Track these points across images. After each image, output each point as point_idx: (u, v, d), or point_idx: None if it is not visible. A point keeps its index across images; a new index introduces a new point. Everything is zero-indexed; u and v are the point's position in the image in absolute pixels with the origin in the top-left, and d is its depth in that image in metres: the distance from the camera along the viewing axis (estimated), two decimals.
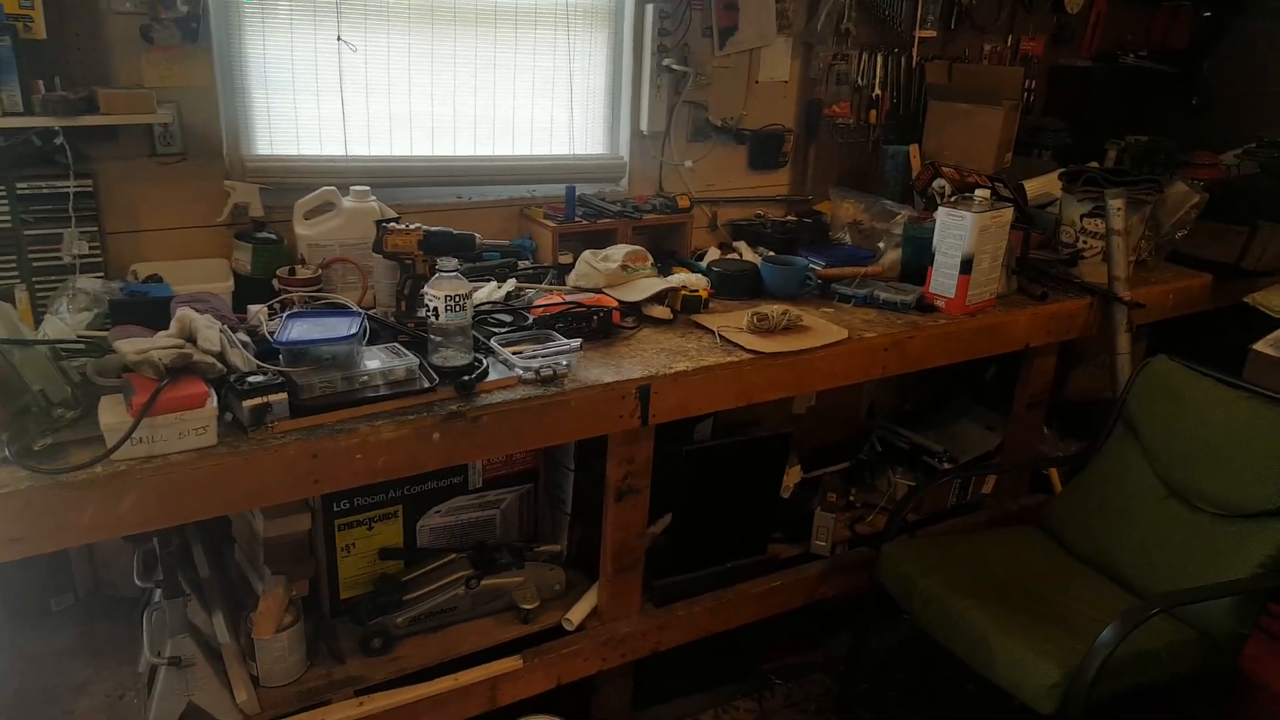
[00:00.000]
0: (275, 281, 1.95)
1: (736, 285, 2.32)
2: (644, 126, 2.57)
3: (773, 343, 2.00)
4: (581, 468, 2.08)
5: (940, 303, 2.30)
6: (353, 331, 1.60)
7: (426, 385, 1.62)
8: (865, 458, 2.72)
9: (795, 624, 2.41)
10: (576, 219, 2.40)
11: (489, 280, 2.18)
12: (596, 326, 1.97)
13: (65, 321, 1.65)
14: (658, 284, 2.14)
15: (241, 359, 1.54)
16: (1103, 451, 2.26)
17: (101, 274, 1.85)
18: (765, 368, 1.94)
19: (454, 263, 1.66)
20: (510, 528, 2.13)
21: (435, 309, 1.64)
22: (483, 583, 1.96)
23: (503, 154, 2.46)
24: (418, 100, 2.29)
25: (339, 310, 1.74)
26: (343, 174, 2.18)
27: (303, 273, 1.97)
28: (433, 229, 1.83)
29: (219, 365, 1.49)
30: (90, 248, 1.82)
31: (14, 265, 1.77)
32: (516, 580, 2.00)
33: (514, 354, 1.78)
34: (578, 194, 2.50)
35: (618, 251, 2.20)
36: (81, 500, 1.31)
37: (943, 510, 2.65)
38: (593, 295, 2.09)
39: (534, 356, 1.77)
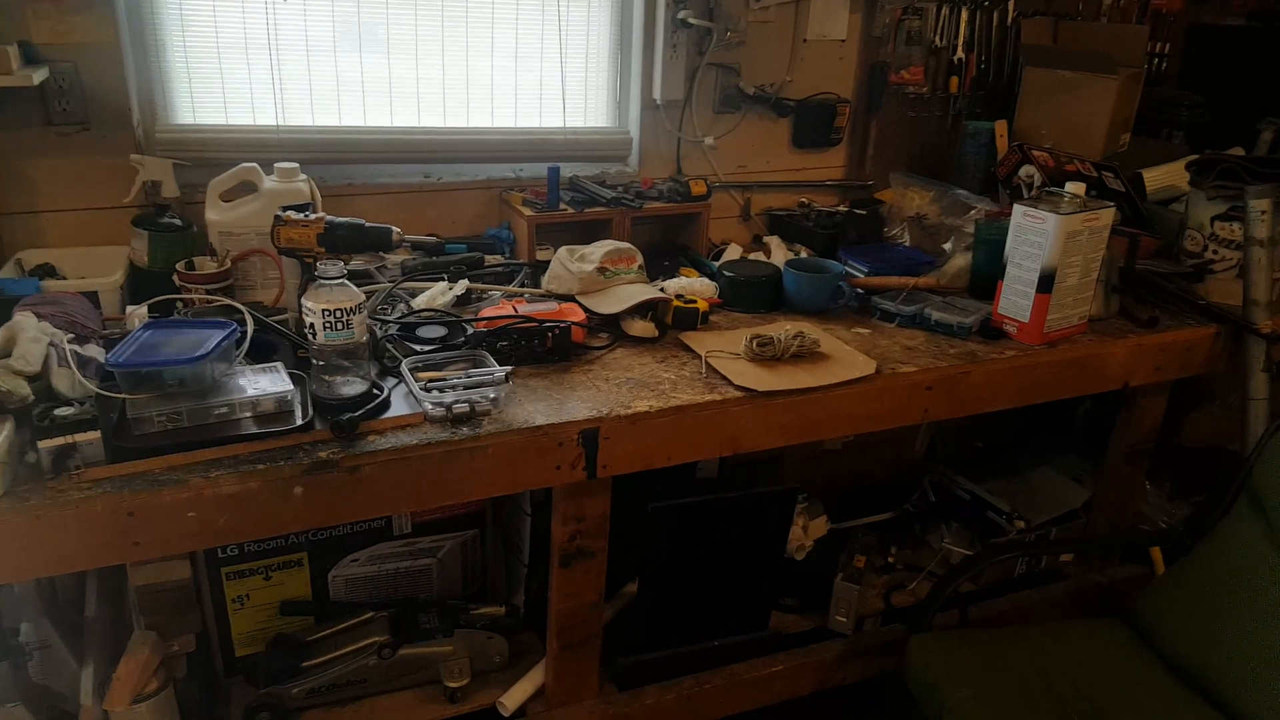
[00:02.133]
0: (175, 277, 1.68)
1: (750, 295, 1.94)
2: (657, 94, 2.19)
3: (775, 375, 1.61)
4: (541, 513, 1.75)
5: (1011, 328, 1.86)
6: (204, 350, 1.31)
7: (298, 423, 1.32)
8: (914, 508, 2.29)
9: (806, 712, 2.03)
10: (562, 206, 2.05)
11: (440, 279, 1.86)
12: (551, 346, 1.63)
13: None
14: (640, 292, 1.78)
15: (70, 383, 1.28)
16: (1218, 530, 1.78)
17: None
18: (760, 409, 1.56)
19: (338, 267, 1.35)
20: (451, 580, 1.83)
21: (312, 325, 1.34)
22: (400, 651, 1.66)
23: (479, 126, 2.13)
24: (372, 61, 1.98)
25: (215, 321, 1.45)
26: (278, 148, 1.90)
27: (205, 266, 1.70)
28: (338, 220, 1.52)
29: (20, 391, 1.22)
30: None
31: None
32: (444, 650, 1.70)
33: (430, 381, 1.46)
34: (575, 177, 2.15)
35: (596, 250, 1.84)
36: None
37: (1007, 579, 2.20)
38: (557, 305, 1.74)
39: (452, 386, 1.44)
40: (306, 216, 1.50)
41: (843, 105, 2.41)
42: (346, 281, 1.35)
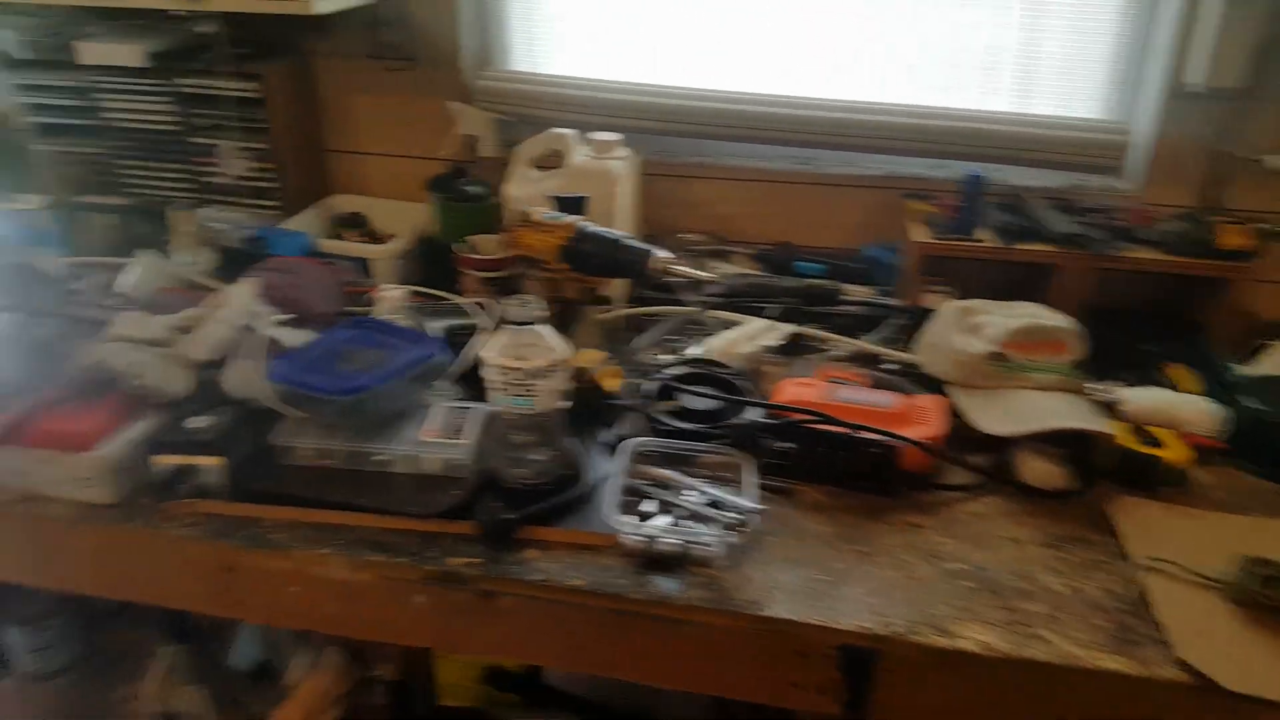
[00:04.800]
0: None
1: None
2: (1197, 76, 1.42)
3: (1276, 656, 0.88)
4: None
5: None
6: (360, 382, 1.03)
7: (446, 506, 0.99)
8: None
9: None
10: (978, 232, 1.44)
11: (761, 312, 1.39)
12: (868, 470, 1.08)
13: (170, 265, 1.40)
14: (1060, 411, 1.12)
15: (241, 382, 1.09)
16: None
17: (277, 202, 1.57)
18: (1221, 713, 0.86)
19: (529, 307, 0.96)
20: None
21: (488, 381, 0.98)
22: None
23: (884, 102, 1.57)
24: (753, 8, 1.54)
25: (416, 334, 1.18)
26: (615, 110, 1.58)
27: (485, 249, 1.45)
28: (589, 229, 1.13)
29: (171, 388, 1.06)
30: (255, 168, 1.54)
31: (184, 179, 1.58)
32: None
33: (651, 483, 1.03)
34: (1019, 189, 1.52)
35: (1002, 321, 1.21)
36: None
37: None
38: (915, 396, 1.18)
39: (675, 505, 1.00)
40: (551, 220, 1.14)
41: None
42: (541, 329, 0.96)
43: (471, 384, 1.13)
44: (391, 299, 1.33)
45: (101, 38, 1.49)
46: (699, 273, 1.17)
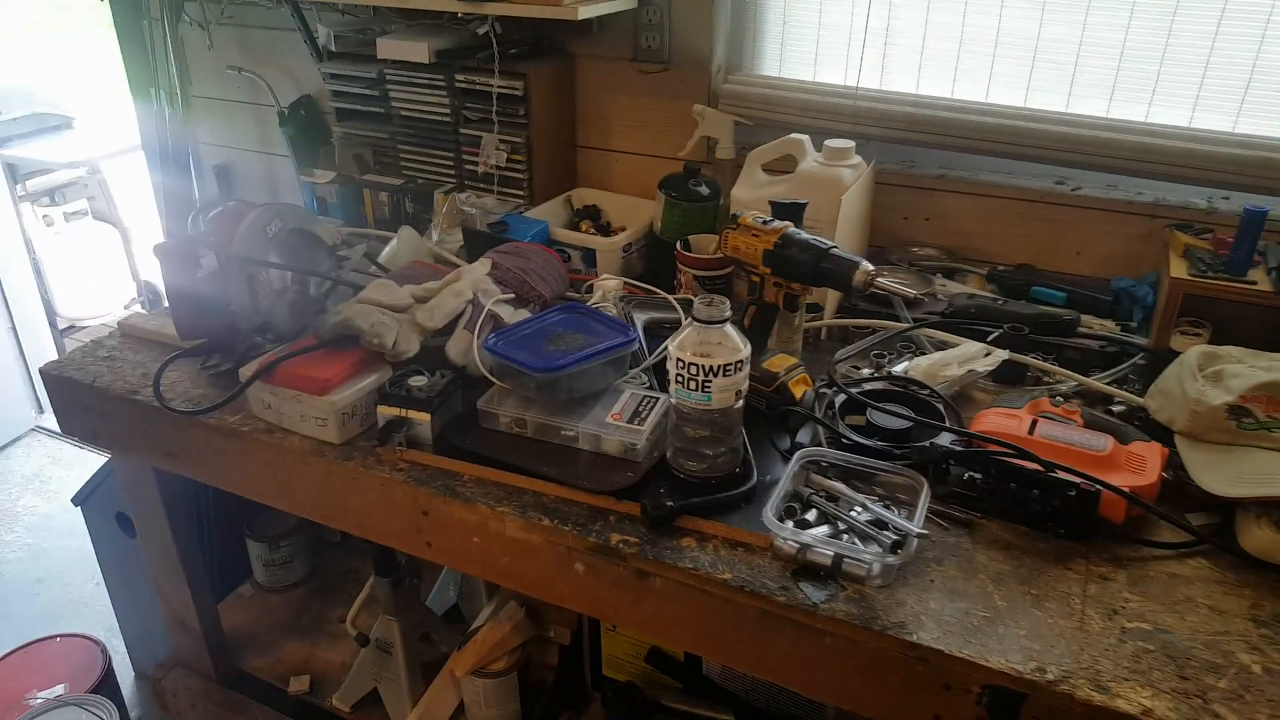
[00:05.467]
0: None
1: None
2: None
3: None
4: None
5: None
6: (561, 361, 1.13)
7: (618, 485, 1.06)
8: None
9: None
10: (1253, 275, 1.29)
11: (984, 336, 1.34)
12: (1060, 512, 1.02)
13: (426, 242, 1.59)
14: None
15: (462, 350, 1.23)
16: None
17: (525, 191, 1.72)
18: None
19: (721, 306, 1.00)
20: None
21: (671, 374, 1.04)
22: None
23: (1158, 124, 1.45)
24: (1017, 13, 1.47)
25: (621, 324, 1.26)
26: (854, 117, 1.57)
27: (701, 248, 1.51)
28: (798, 236, 1.15)
29: (407, 348, 1.21)
30: (510, 159, 1.70)
31: (450, 166, 1.78)
32: None
33: (818, 493, 1.04)
34: None
35: (1250, 372, 1.09)
36: (203, 440, 1.24)
37: None
38: (1133, 446, 1.09)
39: (835, 518, 1.00)
40: (762, 223, 1.17)
41: None
42: (730, 329, 1.00)
43: (662, 375, 1.19)
44: (607, 288, 1.42)
45: (397, 35, 1.71)
46: (907, 289, 1.15)
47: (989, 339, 1.32)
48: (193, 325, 1.31)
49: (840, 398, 1.16)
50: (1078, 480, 0.99)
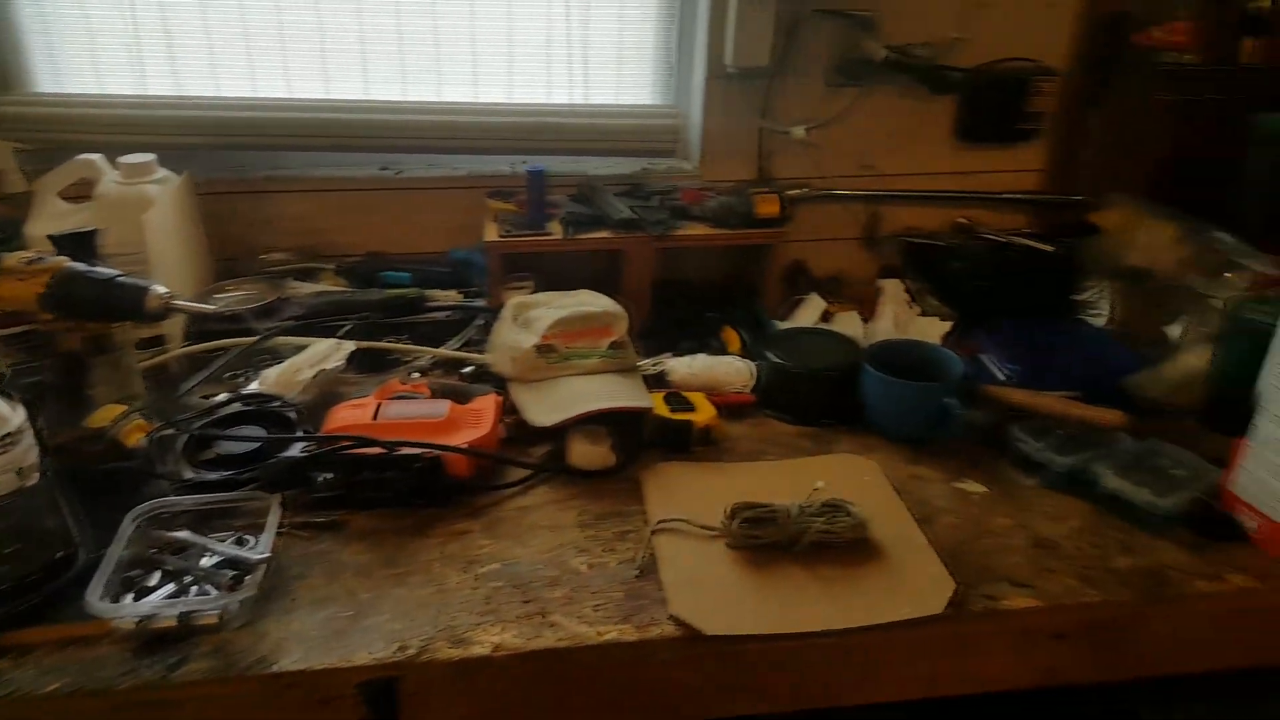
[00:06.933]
0: None
1: (802, 397, 1.27)
2: (730, 57, 1.52)
3: (760, 594, 0.96)
4: None
5: (1251, 523, 1.07)
6: None
7: None
8: None
9: None
10: (551, 226, 1.47)
11: (338, 331, 1.35)
12: (416, 486, 1.07)
13: None
14: (591, 394, 1.16)
15: None
16: None
17: None
18: (715, 664, 0.92)
19: None
20: None
21: None
22: None
23: (455, 101, 1.57)
24: (293, 10, 1.47)
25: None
26: (161, 128, 1.46)
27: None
28: (78, 269, 1.03)
29: None
30: None
31: None
32: None
33: (161, 551, 0.96)
34: (592, 178, 1.56)
35: (545, 314, 1.24)
36: None
37: None
38: (472, 403, 1.18)
39: (183, 572, 0.93)
40: (29, 263, 1.03)
41: (1044, 79, 1.61)
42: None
43: None
44: None
45: None
46: (205, 306, 1.11)
47: (340, 333, 1.34)
48: None
49: (178, 436, 1.08)
50: (419, 450, 1.05)
